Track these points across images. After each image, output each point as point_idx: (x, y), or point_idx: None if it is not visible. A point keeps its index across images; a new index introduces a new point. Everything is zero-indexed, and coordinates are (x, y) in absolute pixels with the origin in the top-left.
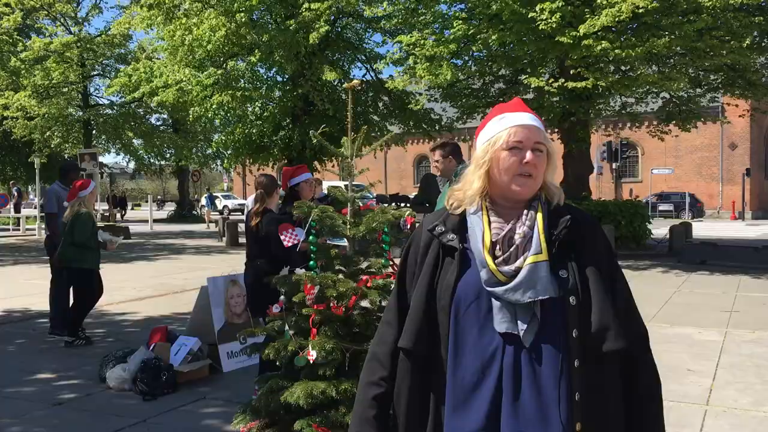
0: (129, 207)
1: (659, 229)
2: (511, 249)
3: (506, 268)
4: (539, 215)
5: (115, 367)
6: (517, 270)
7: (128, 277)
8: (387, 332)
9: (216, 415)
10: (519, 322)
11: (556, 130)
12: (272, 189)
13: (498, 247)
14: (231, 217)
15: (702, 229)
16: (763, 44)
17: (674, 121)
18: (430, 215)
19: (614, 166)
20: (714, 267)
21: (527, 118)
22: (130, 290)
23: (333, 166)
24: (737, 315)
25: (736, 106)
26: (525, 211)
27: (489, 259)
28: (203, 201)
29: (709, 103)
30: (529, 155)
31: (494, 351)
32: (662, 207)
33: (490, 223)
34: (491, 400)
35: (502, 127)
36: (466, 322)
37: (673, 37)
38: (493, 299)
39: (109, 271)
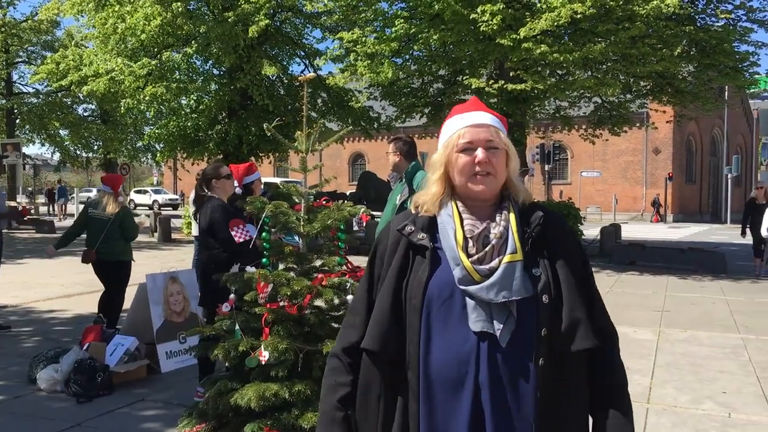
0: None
1: (589, 230)
2: (486, 248)
3: (481, 267)
4: (512, 215)
5: (46, 368)
6: (492, 270)
7: (54, 273)
8: (350, 334)
9: (156, 417)
10: (495, 321)
11: None
12: (214, 176)
13: (471, 245)
14: (163, 212)
15: (629, 231)
16: (692, 53)
17: (605, 126)
18: (398, 216)
19: (546, 168)
20: (643, 268)
21: (478, 117)
22: (56, 287)
23: (270, 163)
24: (668, 314)
25: (664, 112)
26: (498, 211)
27: (463, 257)
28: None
29: (638, 109)
30: (480, 154)
31: (469, 350)
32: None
33: (462, 221)
34: (471, 400)
35: (453, 129)
36: (438, 320)
37: (608, 43)
38: (467, 298)
39: (33, 267)
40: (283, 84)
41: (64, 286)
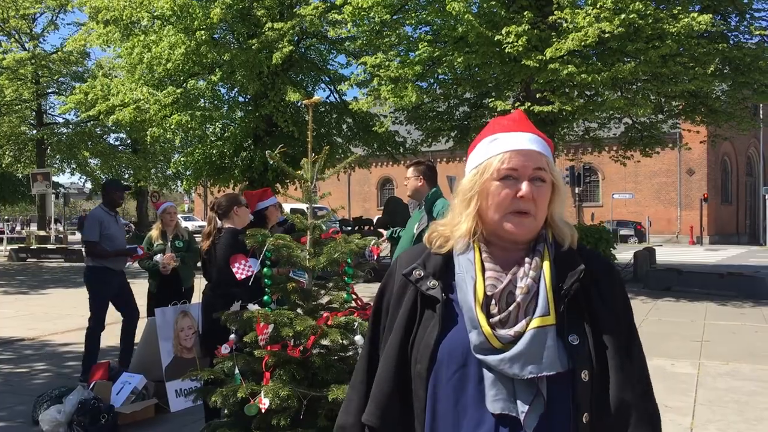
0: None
1: (622, 253)
2: (511, 308)
3: (504, 333)
4: (546, 263)
5: (49, 409)
6: (518, 335)
7: (76, 303)
8: (352, 400)
9: None
10: (519, 401)
11: None
12: (229, 209)
13: (494, 303)
14: None
15: (663, 254)
16: (725, 71)
17: (636, 147)
18: (405, 253)
19: (577, 190)
20: (680, 293)
21: (526, 140)
22: (77, 318)
23: (296, 189)
24: (708, 345)
25: (697, 132)
26: (528, 258)
27: (482, 319)
28: None
29: (670, 129)
30: (525, 187)
31: None
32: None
33: (484, 270)
34: None
35: (494, 151)
36: (447, 395)
37: (638, 62)
38: (484, 369)
39: (56, 297)
40: (305, 105)
41: (84, 317)
